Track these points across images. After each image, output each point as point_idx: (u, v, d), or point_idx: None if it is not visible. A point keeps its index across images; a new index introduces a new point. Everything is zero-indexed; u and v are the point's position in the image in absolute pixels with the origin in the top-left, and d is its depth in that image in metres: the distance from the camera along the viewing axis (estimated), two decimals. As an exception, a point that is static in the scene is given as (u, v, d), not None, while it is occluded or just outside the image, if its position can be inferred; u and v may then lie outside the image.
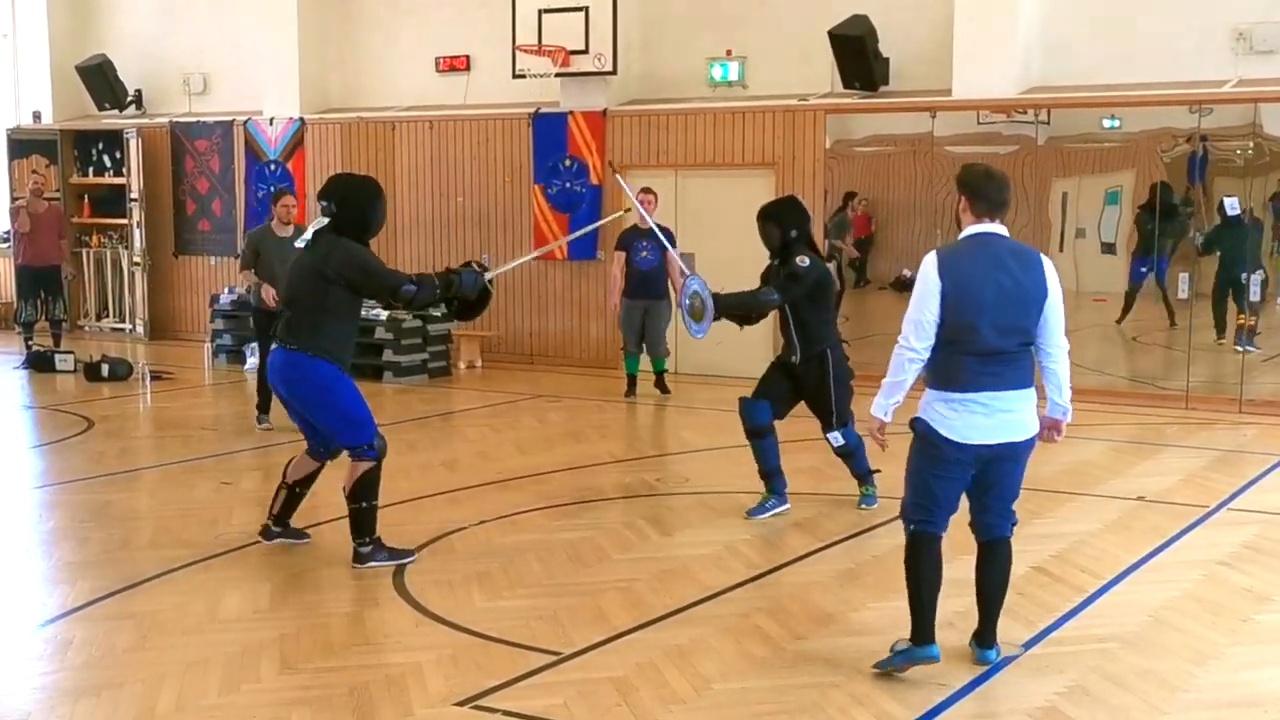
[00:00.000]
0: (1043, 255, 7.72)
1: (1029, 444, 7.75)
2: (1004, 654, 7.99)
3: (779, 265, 11.37)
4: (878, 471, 11.68)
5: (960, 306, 7.44)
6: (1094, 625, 8.65)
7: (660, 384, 18.17)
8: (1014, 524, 8.02)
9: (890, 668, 7.72)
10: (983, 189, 7.65)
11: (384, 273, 9.98)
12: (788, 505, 11.55)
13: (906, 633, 8.01)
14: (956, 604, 8.89)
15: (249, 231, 16.47)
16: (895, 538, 10.66)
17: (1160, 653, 8.11)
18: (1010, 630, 8.41)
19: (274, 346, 10.01)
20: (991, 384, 7.53)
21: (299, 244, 10.11)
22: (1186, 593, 9.37)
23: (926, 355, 7.61)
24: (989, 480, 7.80)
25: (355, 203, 9.88)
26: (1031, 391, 7.67)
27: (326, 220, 9.84)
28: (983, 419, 7.56)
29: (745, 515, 11.44)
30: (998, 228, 7.64)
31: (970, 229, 7.67)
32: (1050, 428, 7.86)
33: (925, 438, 7.73)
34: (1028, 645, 8.20)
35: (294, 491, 10.49)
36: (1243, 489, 12.60)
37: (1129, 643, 8.25)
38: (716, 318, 11.29)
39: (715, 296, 11.31)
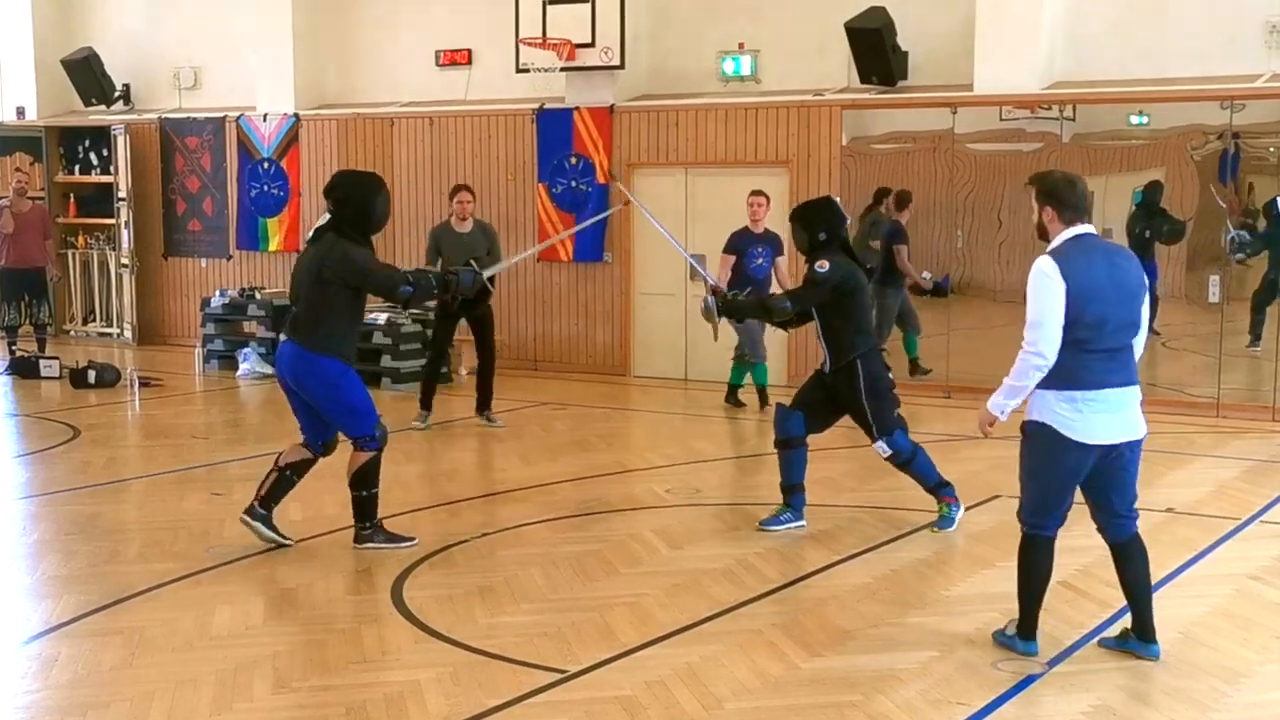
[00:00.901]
0: (1134, 255, 8.31)
1: (1140, 442, 8.09)
2: (1027, 671, 7.99)
3: (810, 266, 11.30)
4: (947, 484, 11.58)
5: (1085, 305, 7.71)
6: (1121, 642, 8.63)
7: (763, 397, 17.43)
8: (1137, 518, 8.32)
9: (997, 641, 8.47)
10: (1069, 197, 8.00)
11: (380, 273, 10.43)
12: (803, 523, 11.51)
13: (925, 650, 8.04)
14: (976, 620, 8.93)
15: (431, 229, 17.00)
16: (914, 551, 10.72)
17: (1190, 671, 8.10)
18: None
19: (282, 339, 10.62)
20: (1117, 380, 7.88)
21: (307, 241, 10.54)
22: (1217, 608, 9.38)
23: (1054, 359, 7.79)
24: (1111, 480, 8.10)
25: (355, 199, 10.32)
26: (1139, 389, 8.06)
27: (328, 217, 10.26)
28: (1109, 417, 7.87)
29: (757, 525, 11.44)
30: (1092, 229, 8.02)
31: (1068, 232, 7.96)
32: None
33: (1048, 441, 7.94)
34: (1052, 663, 8.19)
35: (284, 474, 10.83)
36: (1276, 501, 12.57)
37: (1158, 660, 8.24)
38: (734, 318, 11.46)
39: (727, 302, 11.36)
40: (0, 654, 8.62)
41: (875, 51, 18.62)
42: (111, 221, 24.93)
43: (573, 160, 20.90)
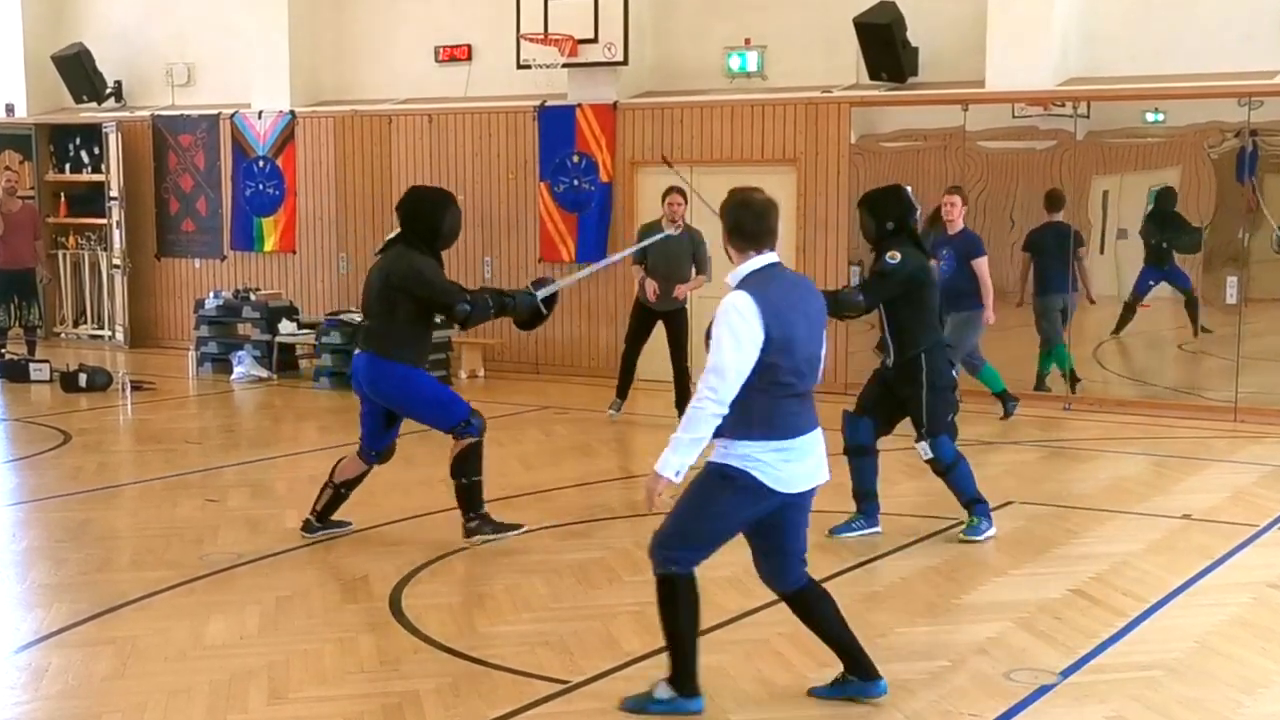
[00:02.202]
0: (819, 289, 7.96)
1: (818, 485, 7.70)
2: (1040, 682, 7.99)
3: (876, 255, 11.24)
4: (983, 501, 11.51)
5: (782, 346, 7.23)
6: (1136, 652, 8.64)
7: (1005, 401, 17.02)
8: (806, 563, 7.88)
9: (650, 710, 7.65)
10: (740, 221, 7.45)
11: (442, 289, 10.86)
12: (879, 529, 11.53)
13: (936, 660, 8.06)
14: (988, 630, 8.94)
15: (640, 227, 17.34)
16: (920, 560, 10.74)
17: (1207, 681, 8.11)
18: (1047, 657, 8.44)
19: (357, 351, 11.09)
20: (809, 425, 7.53)
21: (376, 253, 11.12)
22: (1235, 617, 9.38)
23: (728, 407, 7.23)
24: (788, 525, 7.67)
25: (422, 214, 10.95)
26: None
27: (397, 231, 10.93)
28: (806, 464, 7.49)
29: (828, 533, 11.36)
30: (775, 258, 7.48)
31: (753, 262, 7.40)
32: None
33: (746, 489, 7.37)
34: (1066, 673, 8.20)
35: (339, 492, 11.35)
36: (1295, 507, 12.60)
37: (1174, 670, 8.25)
38: None
39: None
40: (-10, 664, 8.64)
41: (885, 47, 18.61)
42: (103, 221, 24.92)
43: (575, 158, 20.90)
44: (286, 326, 21.11)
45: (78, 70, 25.15)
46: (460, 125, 22.01)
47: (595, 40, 19.97)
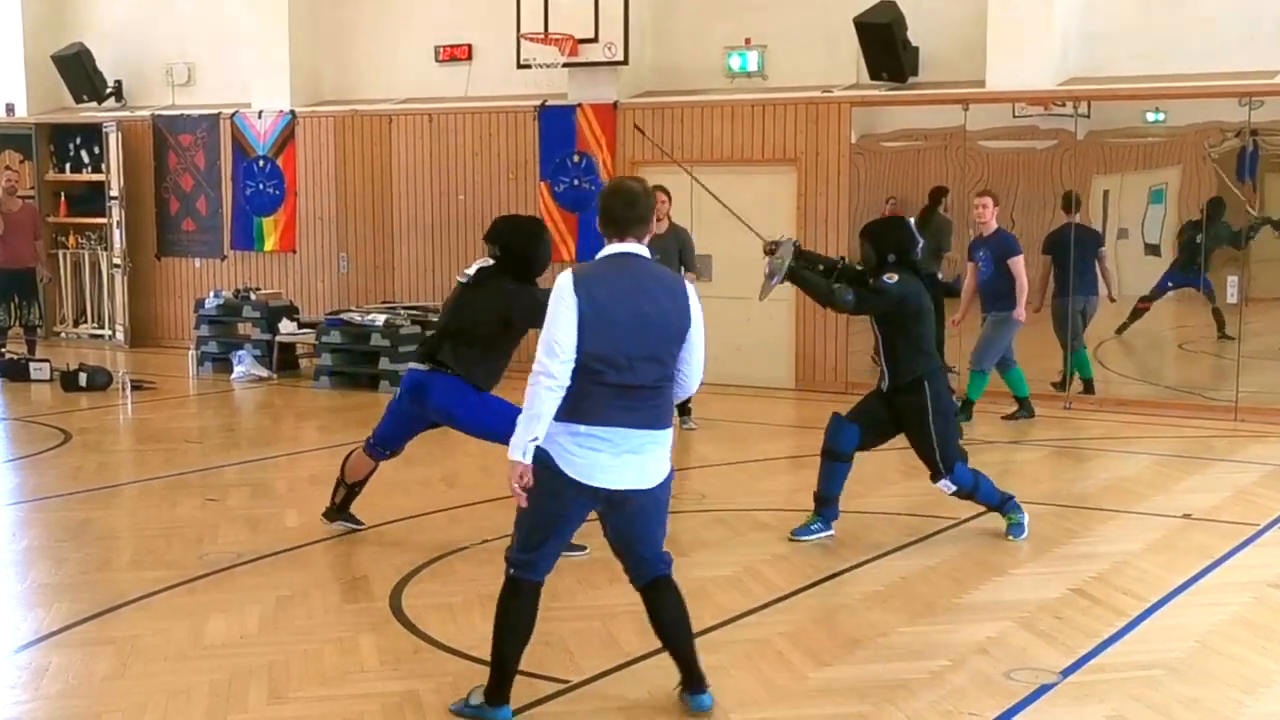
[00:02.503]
0: (687, 284, 7.48)
1: (662, 489, 7.43)
2: (1041, 682, 7.99)
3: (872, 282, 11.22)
4: (1010, 498, 11.53)
5: (598, 332, 7.10)
6: (1137, 651, 8.63)
7: (965, 410, 16.59)
8: (669, 563, 7.63)
9: (459, 713, 7.62)
10: (608, 207, 7.39)
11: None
12: (833, 532, 11.48)
13: (936, 659, 8.05)
14: (988, 629, 8.93)
15: None
16: (924, 559, 10.73)
17: (1208, 680, 8.10)
18: (1048, 657, 8.43)
19: (423, 367, 10.90)
20: (622, 420, 7.20)
21: (461, 278, 11.00)
22: (1235, 616, 9.37)
23: (567, 382, 7.14)
24: (630, 528, 7.47)
25: (518, 248, 10.74)
26: (667, 434, 7.39)
27: (492, 262, 10.75)
28: (608, 458, 7.21)
29: (789, 535, 11.39)
30: (635, 247, 7.35)
31: (608, 249, 7.36)
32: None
33: (542, 472, 7.21)
34: (1066, 673, 8.19)
35: (353, 490, 11.44)
36: (1296, 506, 12.60)
37: (1174, 670, 8.24)
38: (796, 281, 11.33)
39: (793, 269, 11.18)
40: (-10, 663, 8.64)
41: (885, 47, 18.61)
42: (103, 221, 24.92)
43: (575, 158, 20.90)
44: (287, 326, 21.11)
45: (78, 70, 25.14)
46: (460, 125, 22.01)
47: (596, 40, 19.97)
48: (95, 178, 25.14)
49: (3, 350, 21.35)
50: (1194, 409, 17.28)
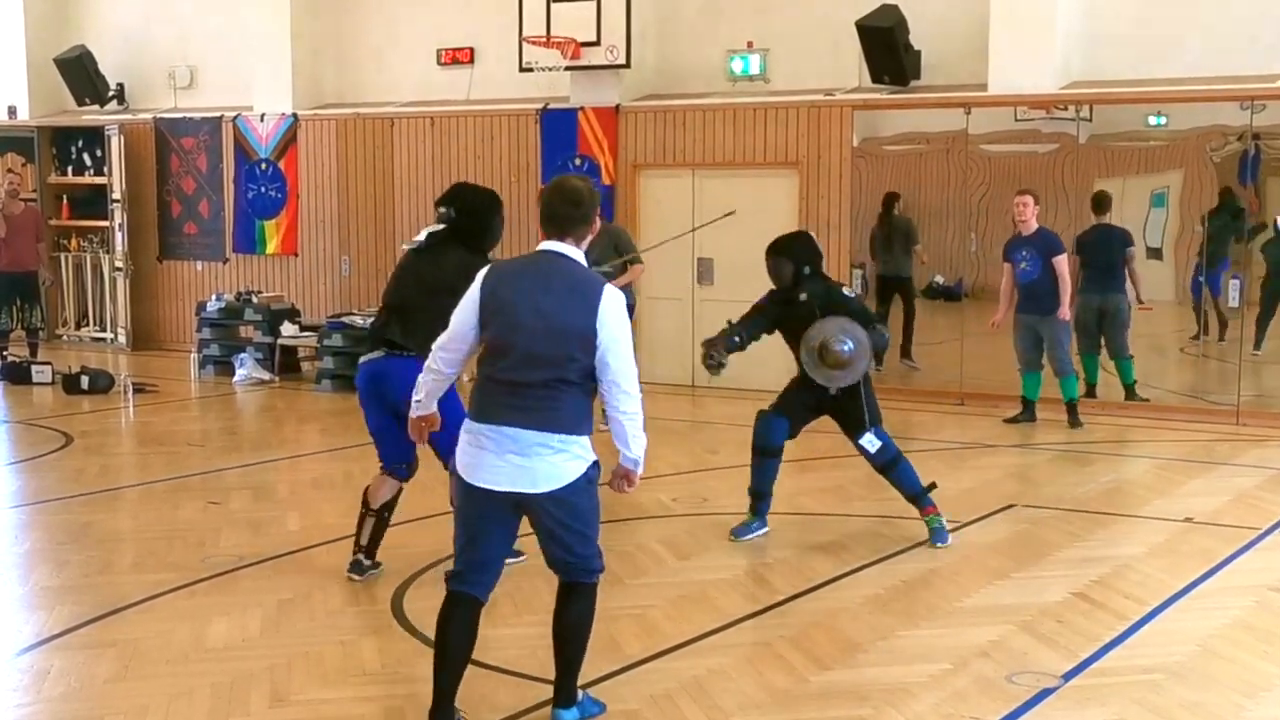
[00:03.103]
0: (608, 291, 7.10)
1: (568, 493, 7.11)
2: (1042, 685, 8.00)
3: (807, 299, 11.25)
4: (933, 487, 11.55)
5: (492, 322, 7.07)
6: (1138, 655, 8.63)
7: (1071, 415, 16.70)
8: (597, 570, 7.38)
9: None
10: (549, 203, 7.22)
11: None
12: (768, 528, 11.60)
13: (937, 663, 8.05)
14: (989, 633, 8.93)
15: None
16: (925, 562, 10.74)
17: (1209, 684, 8.10)
18: (1049, 660, 8.44)
19: (376, 354, 10.02)
20: (508, 418, 7.02)
21: (409, 246, 10.28)
22: (1237, 620, 9.37)
23: (448, 371, 7.35)
24: (543, 533, 7.25)
25: (477, 212, 10.07)
26: (562, 439, 7.04)
27: (443, 226, 9.99)
28: (492, 458, 7.05)
29: (729, 535, 11.45)
30: (562, 247, 7.17)
31: (538, 247, 7.26)
32: (620, 477, 7.37)
33: (455, 475, 7.31)
34: (1068, 676, 8.19)
35: (382, 517, 10.45)
36: (1297, 510, 12.60)
37: (1176, 674, 8.24)
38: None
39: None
40: (-8, 666, 8.65)
41: (887, 50, 18.61)
42: (105, 224, 24.92)
43: (577, 161, 20.89)
44: (288, 329, 21.12)
45: (80, 73, 25.15)
46: (462, 128, 22.02)
47: (598, 43, 19.96)
48: (97, 180, 25.15)
49: (5, 353, 21.37)
50: (1195, 413, 17.27)
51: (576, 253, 7.19)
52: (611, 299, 7.06)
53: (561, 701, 7.44)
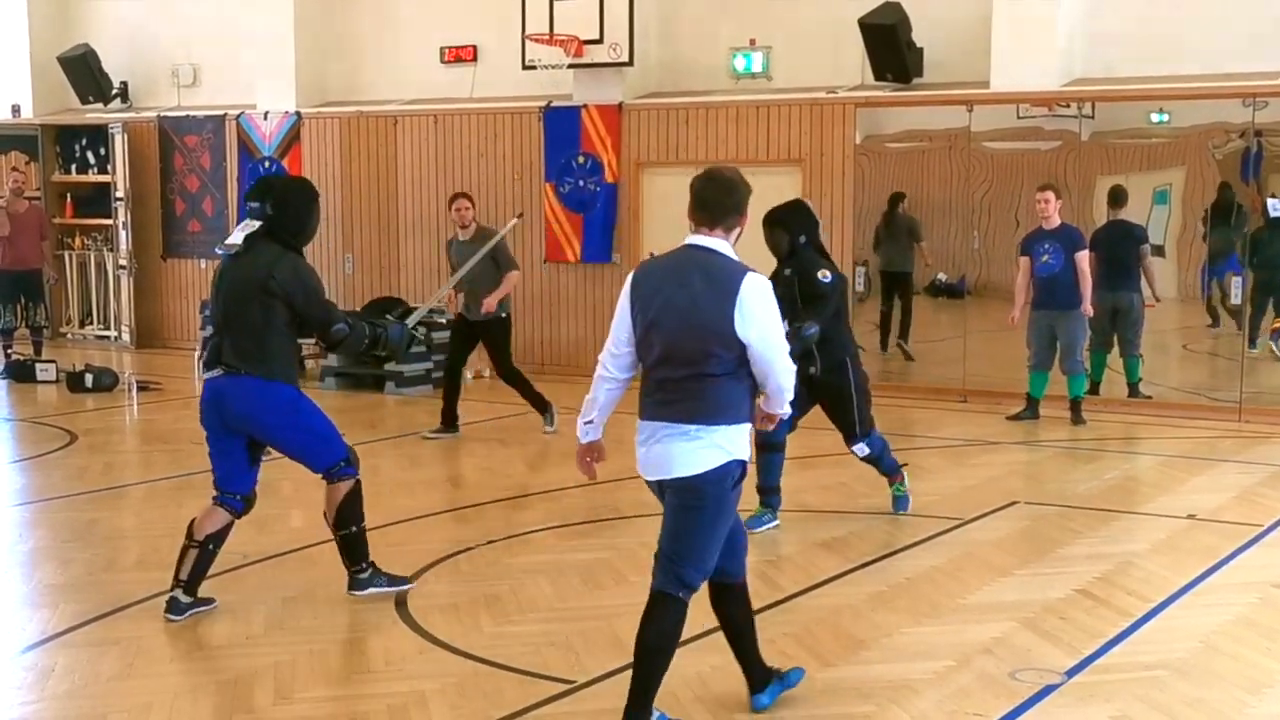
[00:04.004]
0: (748, 280, 7.01)
1: (696, 483, 7.08)
2: (1045, 682, 8.00)
3: (792, 274, 11.34)
4: (905, 465, 11.95)
5: (639, 321, 7.13)
6: (1141, 652, 8.64)
7: (1075, 412, 16.72)
8: (684, 590, 7.19)
9: None
10: (700, 191, 7.19)
11: (324, 303, 9.57)
12: (779, 522, 11.69)
13: (940, 660, 8.05)
14: (993, 629, 8.95)
15: (447, 241, 16.91)
16: (929, 559, 10.73)
17: (1212, 681, 8.11)
18: (1052, 657, 8.44)
19: (215, 373, 9.45)
20: (655, 414, 7.15)
21: (223, 251, 9.74)
22: (1240, 617, 9.38)
23: (618, 374, 7.34)
24: (666, 519, 7.27)
25: (293, 205, 9.48)
26: (699, 428, 7.04)
27: (258, 224, 9.40)
28: (643, 450, 7.23)
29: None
30: (707, 240, 7.14)
31: (685, 240, 7.24)
32: (765, 417, 7.49)
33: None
34: (1071, 673, 8.19)
35: (206, 549, 9.51)
36: (1300, 507, 12.59)
37: (1179, 670, 8.25)
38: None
39: None
40: (-4, 664, 8.66)
41: (890, 48, 18.61)
42: (109, 222, 24.94)
43: (580, 159, 20.90)
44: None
45: (84, 71, 25.16)
46: (466, 126, 22.02)
47: (601, 41, 19.96)
48: (101, 179, 25.15)
49: (9, 351, 21.38)
50: (1198, 409, 17.26)
51: (721, 244, 7.15)
52: (751, 287, 6.99)
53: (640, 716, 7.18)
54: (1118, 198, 17.51)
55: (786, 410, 7.39)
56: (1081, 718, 7.57)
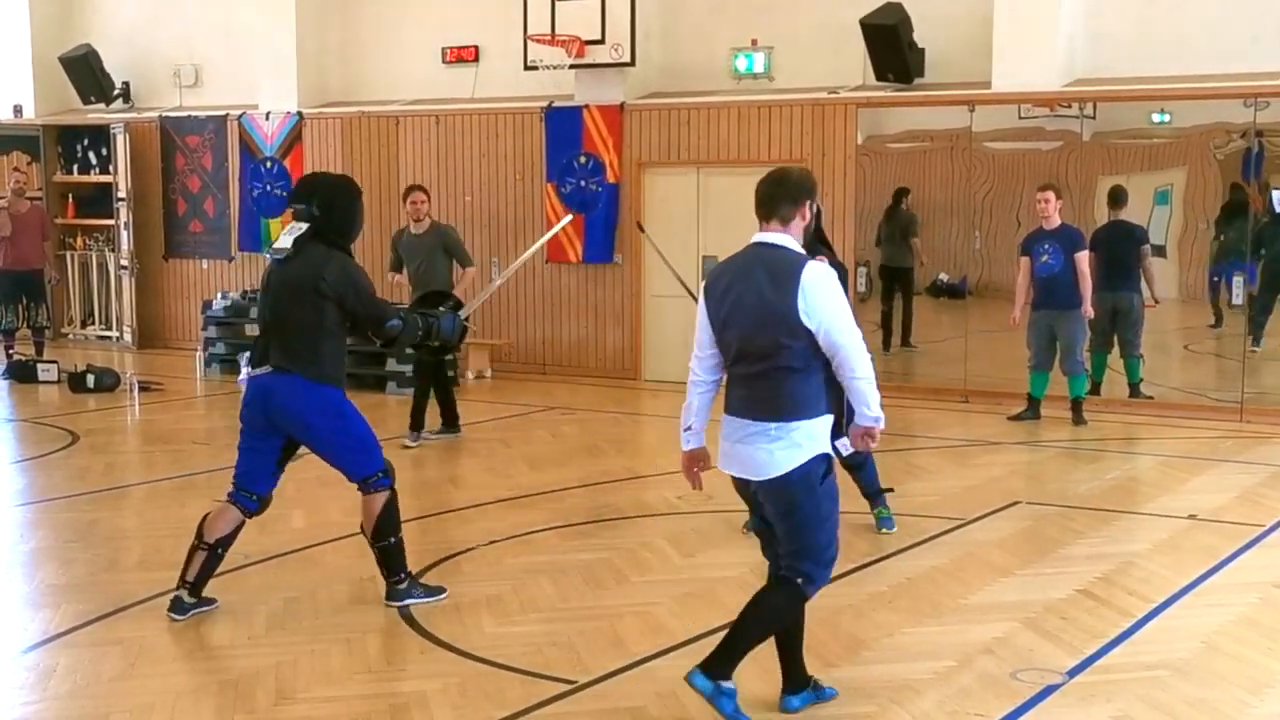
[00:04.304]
0: (809, 269, 7.08)
1: (781, 485, 7.19)
2: (1047, 682, 8.00)
3: None
4: (889, 490, 11.74)
5: (714, 320, 7.29)
6: (1143, 652, 8.64)
7: (1076, 413, 16.72)
8: (802, 578, 7.36)
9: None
10: (758, 187, 7.32)
11: (376, 300, 9.59)
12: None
13: (942, 660, 8.06)
14: (994, 630, 8.94)
15: (393, 235, 16.66)
16: (929, 559, 10.73)
17: (1213, 681, 8.11)
18: (1054, 657, 8.44)
19: (263, 370, 9.42)
20: (734, 408, 7.32)
21: (272, 255, 9.59)
22: (1241, 617, 9.37)
23: (706, 376, 7.43)
24: (770, 521, 7.42)
25: (338, 205, 9.44)
26: (779, 426, 7.13)
27: (305, 226, 9.34)
28: (726, 446, 7.38)
29: (743, 529, 11.42)
30: (769, 235, 7.24)
31: (753, 237, 7.35)
32: (861, 434, 7.42)
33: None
34: (1072, 673, 8.19)
35: (215, 553, 9.53)
36: (1301, 507, 12.59)
37: (1180, 670, 8.24)
38: None
39: None
40: (-2, 664, 8.66)
41: (891, 48, 18.61)
42: (111, 222, 24.95)
43: (582, 160, 20.90)
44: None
45: (85, 71, 25.18)
46: (467, 126, 22.02)
47: (602, 41, 19.96)
48: (103, 179, 25.16)
49: (11, 352, 21.38)
50: (1199, 410, 17.26)
51: (782, 237, 7.23)
52: (813, 274, 7.07)
53: (799, 684, 7.69)
54: (1117, 198, 17.50)
55: (878, 416, 7.34)
56: (1083, 718, 7.57)
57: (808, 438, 7.16)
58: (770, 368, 7.11)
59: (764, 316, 7.09)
